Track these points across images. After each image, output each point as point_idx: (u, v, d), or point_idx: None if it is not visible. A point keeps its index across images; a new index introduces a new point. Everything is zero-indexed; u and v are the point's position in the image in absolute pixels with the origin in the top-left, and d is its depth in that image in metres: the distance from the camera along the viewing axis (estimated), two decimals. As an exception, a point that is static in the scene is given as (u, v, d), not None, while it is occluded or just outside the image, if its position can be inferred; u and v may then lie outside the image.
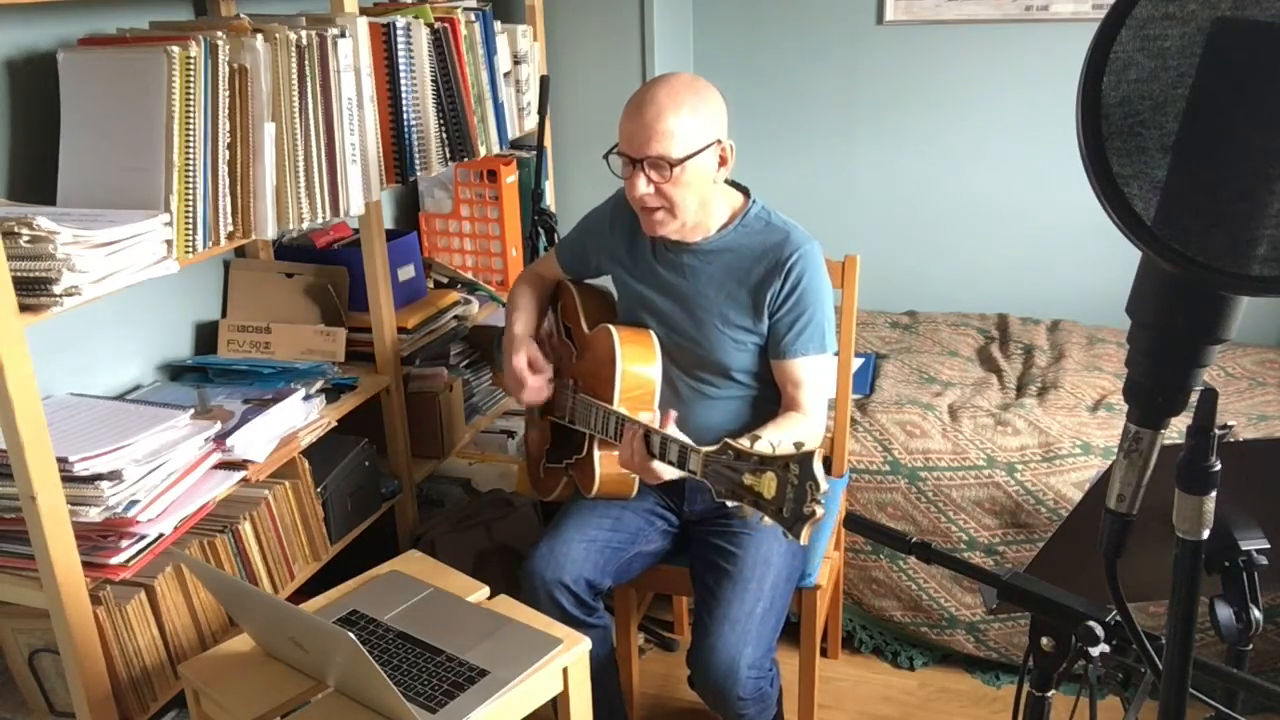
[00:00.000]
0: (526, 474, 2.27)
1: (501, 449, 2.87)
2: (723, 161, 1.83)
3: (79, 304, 1.44)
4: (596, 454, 1.91)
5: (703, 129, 1.77)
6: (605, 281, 2.13)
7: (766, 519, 1.47)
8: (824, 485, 1.41)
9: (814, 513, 1.41)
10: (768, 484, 1.46)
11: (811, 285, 1.86)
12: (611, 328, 1.90)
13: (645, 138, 1.75)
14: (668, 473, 1.70)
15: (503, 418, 2.86)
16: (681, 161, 1.76)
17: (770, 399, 1.95)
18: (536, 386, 2.01)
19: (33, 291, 1.41)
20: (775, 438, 1.52)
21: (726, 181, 1.90)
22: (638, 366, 1.89)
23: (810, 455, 1.41)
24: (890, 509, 2.42)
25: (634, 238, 1.96)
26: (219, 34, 1.67)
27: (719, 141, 1.80)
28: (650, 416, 1.87)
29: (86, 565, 1.55)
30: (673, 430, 1.69)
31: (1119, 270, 1.38)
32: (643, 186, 1.78)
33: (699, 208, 1.84)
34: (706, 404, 1.94)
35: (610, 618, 1.96)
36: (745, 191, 1.95)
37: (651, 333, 1.93)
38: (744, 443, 1.52)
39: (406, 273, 2.46)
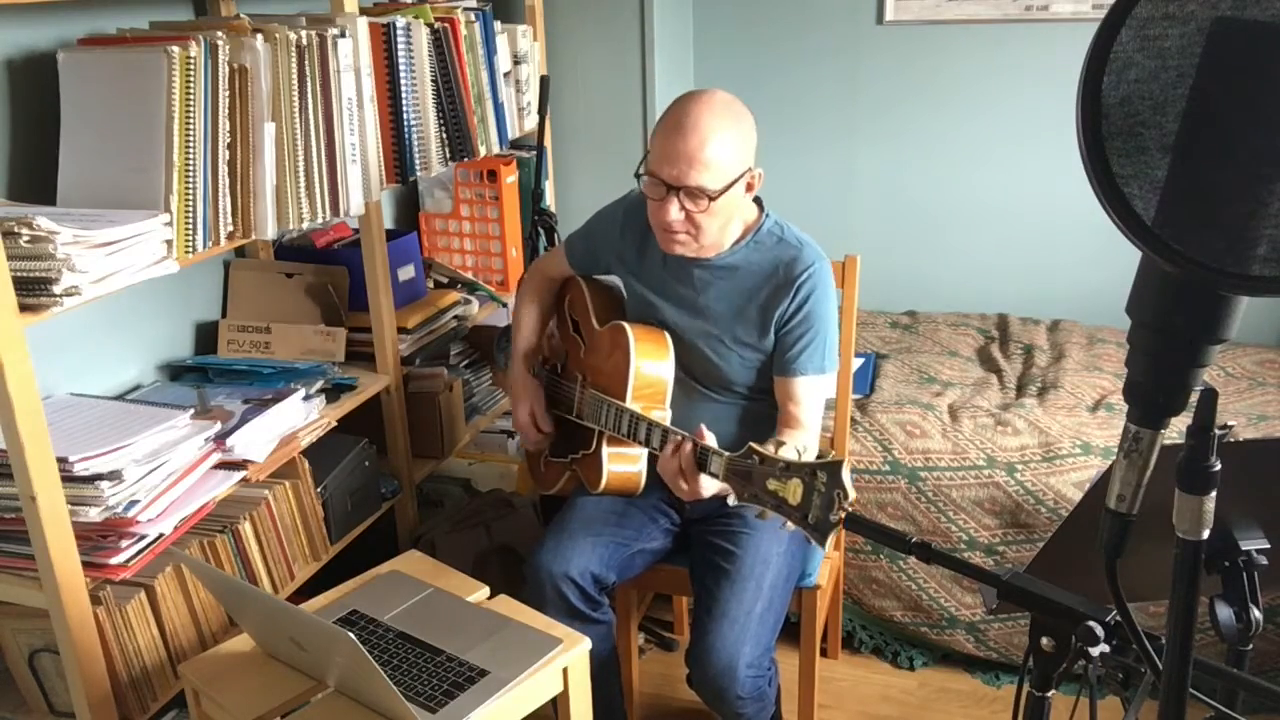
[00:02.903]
0: (527, 466, 2.27)
1: (501, 449, 2.87)
2: (749, 188, 1.82)
3: (79, 304, 1.44)
4: (605, 451, 1.91)
5: (740, 158, 1.75)
6: (614, 278, 2.13)
7: (790, 524, 1.47)
8: (852, 494, 1.41)
9: (841, 520, 1.42)
10: (793, 490, 1.46)
11: (819, 304, 1.85)
12: (626, 325, 1.90)
13: (687, 167, 1.71)
14: (711, 488, 1.67)
15: (503, 418, 2.85)
16: (719, 194, 1.73)
17: (763, 409, 1.95)
18: (537, 439, 2.10)
19: (33, 291, 1.41)
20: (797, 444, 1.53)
21: None
22: (651, 365, 1.88)
23: (839, 464, 1.42)
24: (890, 509, 2.42)
25: (644, 244, 1.95)
26: (219, 34, 1.67)
27: (750, 169, 1.79)
28: (662, 414, 1.87)
29: (86, 565, 1.55)
30: (710, 439, 1.67)
31: (1119, 270, 1.38)
32: (675, 213, 1.75)
33: (719, 230, 1.83)
34: (708, 408, 1.94)
35: (613, 615, 1.96)
36: (758, 203, 1.94)
37: (665, 332, 1.93)
38: (768, 449, 1.52)
39: (406, 273, 2.46)
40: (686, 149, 1.70)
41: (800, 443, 1.80)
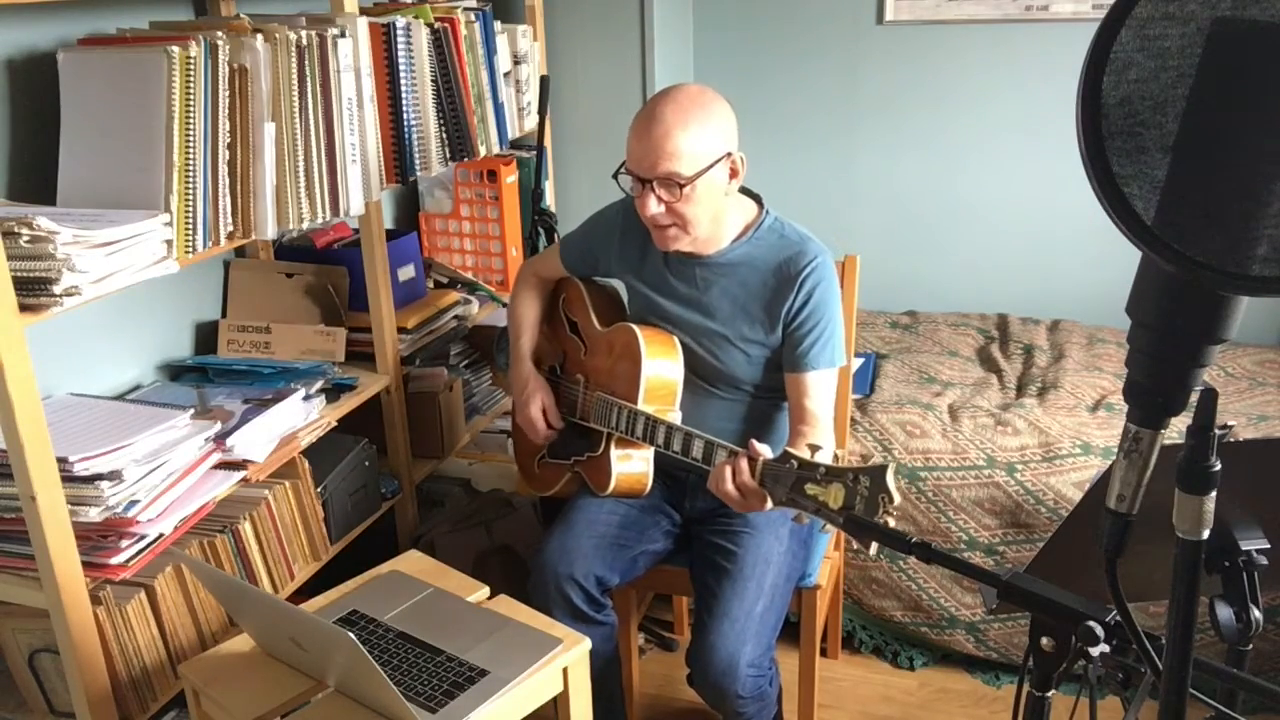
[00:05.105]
0: (518, 467, 2.27)
1: (501, 449, 2.87)
2: (733, 173, 1.80)
3: (79, 304, 1.44)
4: (614, 453, 1.91)
5: (712, 143, 1.74)
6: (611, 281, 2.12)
7: (830, 526, 1.48)
8: (897, 498, 1.42)
9: (885, 523, 1.42)
10: (834, 494, 1.47)
11: (825, 298, 1.85)
12: (634, 327, 1.90)
13: (654, 158, 1.72)
14: (770, 502, 1.64)
15: (502, 418, 2.85)
16: (692, 180, 1.73)
17: (768, 406, 1.95)
18: (547, 435, 2.05)
19: (33, 291, 1.41)
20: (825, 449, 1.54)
21: (740, 189, 1.89)
22: (661, 367, 1.88)
23: (883, 469, 1.43)
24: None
25: (645, 244, 1.94)
26: (219, 34, 1.67)
27: (729, 154, 1.78)
28: (674, 416, 1.87)
29: (86, 565, 1.55)
30: (770, 448, 1.64)
31: (1119, 270, 1.38)
32: (653, 206, 1.76)
33: (711, 222, 1.82)
34: (714, 406, 1.93)
35: (615, 616, 1.96)
36: (758, 200, 1.93)
37: (672, 332, 1.93)
38: (804, 453, 1.52)
39: (406, 273, 2.46)
40: (652, 140, 1.72)
41: (822, 440, 1.81)
